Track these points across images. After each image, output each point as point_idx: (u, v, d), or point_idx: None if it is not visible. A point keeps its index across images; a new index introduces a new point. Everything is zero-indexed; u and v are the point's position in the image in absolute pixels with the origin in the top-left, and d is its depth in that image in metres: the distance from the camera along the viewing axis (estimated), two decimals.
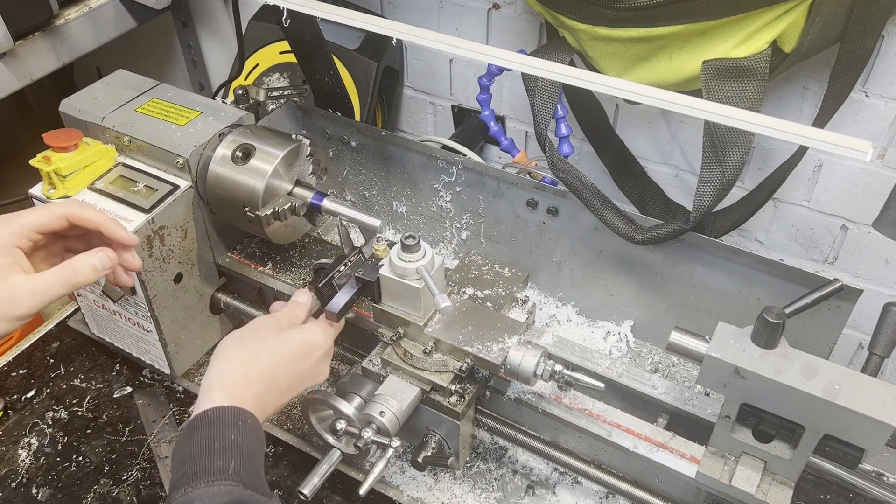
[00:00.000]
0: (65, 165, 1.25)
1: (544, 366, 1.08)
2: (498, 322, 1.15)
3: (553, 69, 1.09)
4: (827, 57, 1.37)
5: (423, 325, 1.14)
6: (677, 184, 1.82)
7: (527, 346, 1.10)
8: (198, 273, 1.38)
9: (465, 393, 1.15)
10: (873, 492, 1.10)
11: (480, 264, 1.33)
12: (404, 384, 1.16)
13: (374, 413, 1.11)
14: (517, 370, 1.09)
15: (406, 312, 1.15)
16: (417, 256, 1.09)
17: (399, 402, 1.12)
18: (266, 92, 1.46)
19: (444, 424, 1.18)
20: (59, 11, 1.73)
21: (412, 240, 1.08)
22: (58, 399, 1.47)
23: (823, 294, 1.09)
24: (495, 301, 1.25)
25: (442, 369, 1.14)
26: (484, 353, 1.10)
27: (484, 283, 1.28)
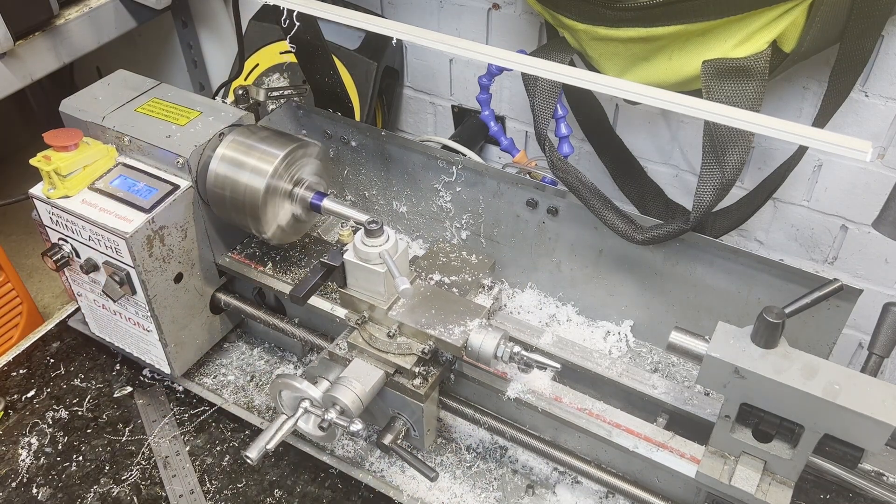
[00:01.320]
0: (65, 165, 1.25)
1: (504, 348, 1.11)
2: (461, 306, 1.17)
3: (553, 69, 1.09)
4: (827, 57, 1.37)
5: (386, 309, 1.16)
6: (677, 184, 1.82)
7: (487, 328, 1.12)
8: (198, 273, 1.38)
9: (429, 375, 1.18)
10: (873, 492, 1.10)
11: (448, 251, 1.33)
12: (369, 367, 1.18)
13: (337, 394, 1.13)
14: (478, 352, 1.11)
15: (370, 297, 1.17)
16: (380, 241, 1.12)
17: (363, 385, 1.14)
18: (266, 92, 1.46)
19: (409, 407, 1.20)
20: (59, 11, 1.73)
21: (375, 225, 1.11)
22: (58, 399, 1.47)
23: (823, 294, 1.09)
24: (461, 287, 1.26)
25: (406, 352, 1.16)
26: (446, 336, 1.12)
27: (451, 270, 1.30)
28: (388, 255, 1.10)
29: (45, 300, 2.50)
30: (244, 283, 1.44)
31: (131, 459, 1.36)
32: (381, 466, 1.33)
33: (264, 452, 1.12)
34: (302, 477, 1.33)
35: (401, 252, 1.14)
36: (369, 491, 1.30)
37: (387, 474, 1.32)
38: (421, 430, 1.21)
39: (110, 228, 1.22)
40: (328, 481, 1.32)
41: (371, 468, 1.32)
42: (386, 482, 1.30)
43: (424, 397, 1.16)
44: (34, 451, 1.38)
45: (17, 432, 1.41)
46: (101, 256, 1.28)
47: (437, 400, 1.24)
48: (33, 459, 1.37)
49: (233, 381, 1.48)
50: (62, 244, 1.32)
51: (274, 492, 1.31)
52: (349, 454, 1.35)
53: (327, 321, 1.36)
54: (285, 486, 1.31)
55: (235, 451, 1.37)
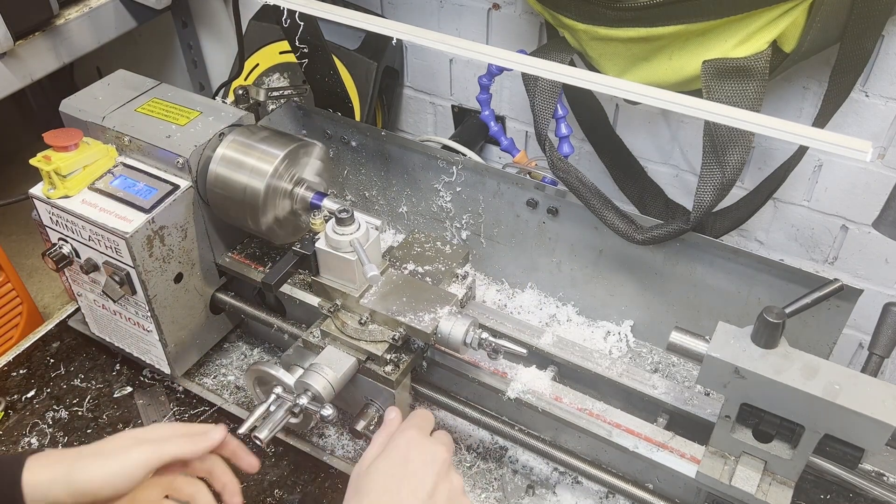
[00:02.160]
0: (65, 165, 1.25)
1: (473, 334, 1.12)
2: (432, 294, 1.18)
3: (553, 69, 1.09)
4: (827, 57, 1.37)
5: (358, 297, 1.17)
6: (677, 184, 1.82)
7: (457, 315, 1.13)
8: (198, 273, 1.38)
9: (400, 362, 1.19)
10: (873, 492, 1.10)
11: (423, 241, 1.34)
12: (341, 354, 1.19)
13: (308, 381, 1.14)
14: (447, 339, 1.12)
15: (342, 284, 1.18)
16: (351, 229, 1.13)
17: (335, 371, 1.16)
18: (266, 92, 1.46)
19: (381, 394, 1.21)
20: (59, 11, 1.73)
21: (346, 213, 1.13)
22: (58, 399, 1.47)
23: (823, 294, 1.09)
24: (434, 276, 1.27)
25: (377, 339, 1.17)
26: (416, 323, 1.13)
27: (425, 259, 1.30)
28: (359, 243, 1.12)
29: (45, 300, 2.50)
30: (244, 283, 1.44)
31: None
32: None
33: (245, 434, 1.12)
34: (302, 477, 1.33)
35: (372, 240, 1.16)
36: None
37: None
38: None
39: (110, 228, 1.22)
40: (328, 481, 1.32)
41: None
42: None
43: (396, 383, 1.18)
44: None
45: (17, 432, 1.41)
46: (101, 256, 1.28)
47: (409, 386, 1.26)
48: None
49: (233, 381, 1.48)
50: (62, 244, 1.32)
51: (274, 492, 1.31)
52: (349, 454, 1.35)
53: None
54: (285, 486, 1.31)
55: None
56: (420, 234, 1.36)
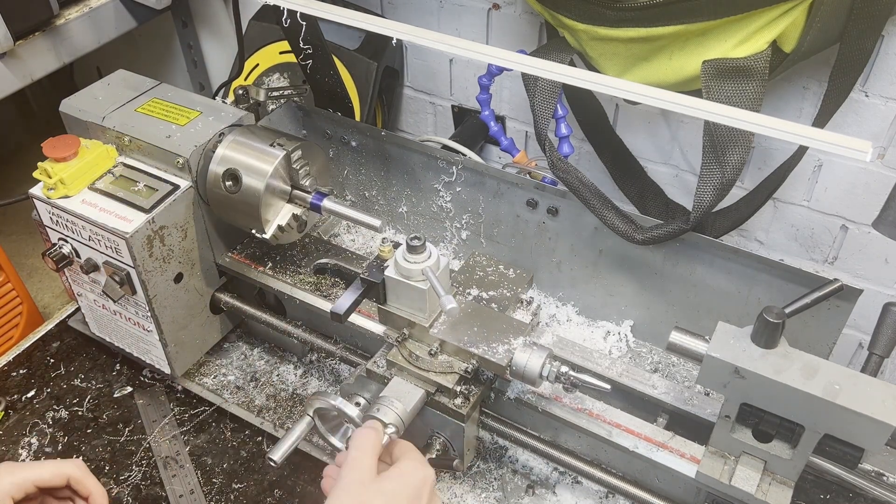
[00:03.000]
0: (67, 176, 1.25)
1: (550, 367, 1.08)
2: (503, 323, 1.15)
3: (553, 69, 1.09)
4: (827, 57, 1.37)
5: (428, 327, 1.14)
6: (677, 184, 1.82)
7: (532, 347, 1.09)
8: (198, 273, 1.38)
9: (471, 395, 1.15)
10: (873, 492, 1.10)
11: (485, 265, 1.32)
12: (409, 386, 1.15)
13: (377, 414, 1.10)
14: (523, 371, 1.08)
15: (411, 314, 1.14)
16: (423, 258, 1.09)
17: (404, 404, 1.11)
18: (266, 92, 1.46)
19: (449, 426, 1.17)
20: (59, 11, 1.73)
21: (418, 241, 1.08)
22: (58, 399, 1.47)
23: (823, 294, 1.09)
24: (500, 302, 1.25)
25: (447, 370, 1.13)
26: (489, 355, 1.10)
27: (489, 285, 1.28)
28: (431, 271, 1.08)
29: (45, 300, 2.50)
30: (244, 283, 1.44)
31: (131, 459, 1.36)
32: None
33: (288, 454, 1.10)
34: (302, 477, 1.33)
35: (443, 268, 1.11)
36: None
37: None
38: (461, 449, 1.19)
39: (110, 228, 1.22)
40: None
41: None
42: None
43: (466, 417, 1.14)
44: (34, 452, 1.38)
45: (17, 432, 1.41)
46: (101, 256, 1.28)
47: (477, 419, 1.22)
48: (33, 459, 1.36)
49: (233, 381, 1.48)
50: (62, 244, 1.32)
51: (274, 492, 1.31)
52: None
53: (328, 321, 1.36)
54: (285, 486, 1.31)
55: (235, 451, 1.37)
56: (481, 256, 1.34)
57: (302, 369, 1.51)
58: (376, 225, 1.24)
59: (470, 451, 1.23)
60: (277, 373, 1.50)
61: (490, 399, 1.23)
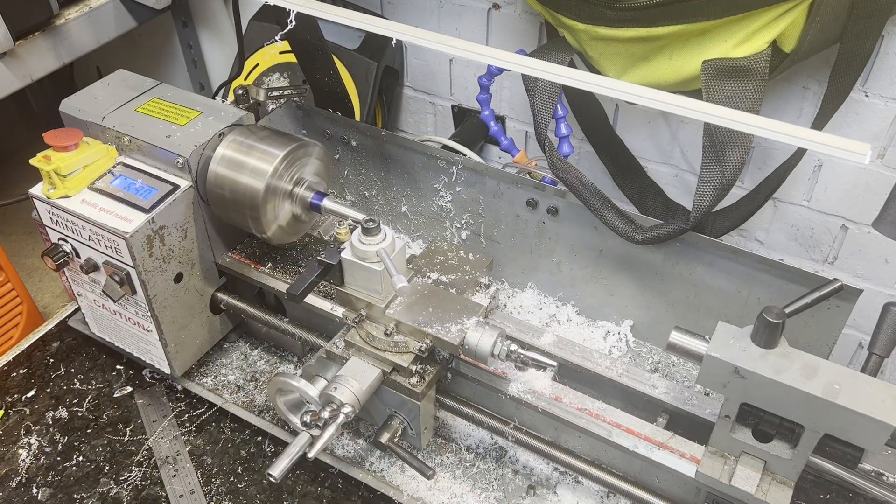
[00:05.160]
0: (65, 165, 1.25)
1: (501, 346, 1.11)
2: (458, 304, 1.17)
3: (553, 70, 1.09)
4: (827, 57, 1.37)
5: (384, 307, 1.16)
6: (677, 184, 1.82)
7: (484, 327, 1.12)
8: (198, 273, 1.38)
9: (426, 374, 1.18)
10: (873, 491, 1.10)
11: (446, 250, 1.33)
12: (366, 365, 1.18)
13: (333, 392, 1.13)
14: (475, 350, 1.11)
15: (368, 295, 1.17)
16: (377, 239, 1.12)
17: (360, 383, 1.14)
18: (266, 92, 1.46)
19: (406, 405, 1.20)
20: (59, 11, 1.74)
21: (372, 223, 1.11)
22: (58, 399, 1.47)
23: (823, 294, 1.09)
24: (459, 286, 1.26)
25: (403, 350, 1.16)
26: (443, 334, 1.12)
27: (448, 269, 1.30)
28: (386, 253, 1.11)
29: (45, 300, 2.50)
30: (244, 283, 1.44)
31: (131, 459, 1.36)
32: (381, 466, 1.33)
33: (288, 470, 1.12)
34: (302, 477, 1.33)
35: (398, 250, 1.14)
36: (369, 491, 1.30)
37: (387, 474, 1.32)
38: (418, 428, 1.21)
39: (110, 228, 1.22)
40: (328, 481, 1.32)
41: (371, 468, 1.32)
42: (386, 482, 1.30)
43: (421, 395, 1.17)
44: (34, 452, 1.38)
45: (17, 432, 1.41)
46: (101, 256, 1.28)
47: (434, 398, 1.24)
48: (33, 459, 1.37)
49: (233, 381, 1.48)
50: (62, 244, 1.32)
51: (274, 492, 1.31)
52: (349, 454, 1.35)
53: (327, 321, 1.36)
54: (285, 486, 1.31)
55: (235, 451, 1.37)
56: (442, 242, 1.35)
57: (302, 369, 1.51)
58: None
59: (428, 429, 1.26)
60: (276, 372, 1.50)
61: (447, 379, 1.26)
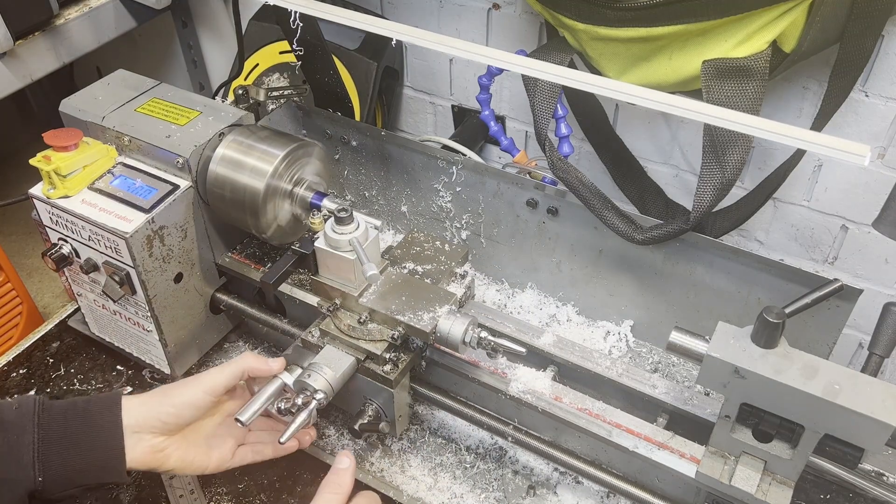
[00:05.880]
0: (65, 165, 1.25)
1: (472, 333, 1.12)
2: (431, 293, 1.18)
3: (553, 71, 1.09)
4: (827, 57, 1.37)
5: (357, 296, 1.17)
6: (677, 184, 1.82)
7: (456, 314, 1.13)
8: (198, 273, 1.38)
9: (399, 361, 1.19)
10: (873, 492, 1.10)
11: (423, 241, 1.34)
12: (340, 353, 1.19)
13: (307, 379, 1.14)
14: (446, 338, 1.12)
15: (342, 284, 1.18)
16: (350, 229, 1.14)
17: (333, 371, 1.15)
18: (266, 92, 1.46)
19: (380, 393, 1.21)
20: (59, 11, 1.74)
21: (345, 213, 1.13)
22: (58, 399, 1.46)
23: (823, 294, 1.09)
24: (434, 275, 1.27)
25: (376, 338, 1.17)
26: (415, 322, 1.13)
27: (424, 259, 1.30)
28: (358, 242, 1.12)
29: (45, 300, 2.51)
30: (244, 283, 1.44)
31: None
32: (381, 466, 1.33)
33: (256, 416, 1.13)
34: (302, 477, 1.33)
35: (371, 239, 1.16)
36: None
37: (387, 474, 1.32)
38: (392, 415, 1.23)
39: (110, 228, 1.22)
40: None
41: (371, 468, 1.32)
42: (386, 482, 1.30)
43: (395, 383, 1.18)
44: None
45: None
46: (101, 256, 1.28)
47: (407, 386, 1.26)
48: None
49: None
50: (62, 244, 1.32)
51: (273, 492, 1.31)
52: None
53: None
54: (285, 486, 1.31)
55: None
56: (420, 233, 1.36)
57: None
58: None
59: (402, 417, 1.27)
60: None
61: (421, 367, 1.27)
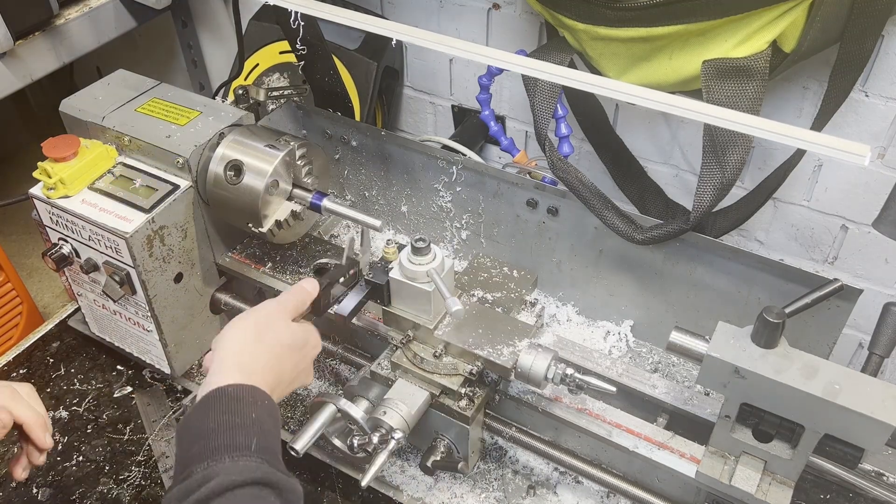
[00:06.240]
0: (66, 175, 1.25)
1: (555, 369, 1.08)
2: (508, 325, 1.15)
3: (553, 71, 1.09)
4: (827, 57, 1.37)
5: (433, 328, 1.13)
6: (677, 184, 1.82)
7: (537, 349, 1.09)
8: (198, 273, 1.38)
9: (475, 397, 1.15)
10: (873, 492, 1.10)
11: (489, 267, 1.32)
12: (413, 388, 1.15)
13: (382, 417, 1.10)
14: (528, 373, 1.08)
15: (416, 315, 1.14)
16: (427, 259, 1.09)
17: (408, 407, 1.11)
18: (266, 92, 1.46)
19: (454, 428, 1.17)
20: (59, 11, 1.73)
21: (422, 242, 1.08)
22: (58, 399, 1.47)
23: (823, 294, 1.09)
24: (504, 304, 1.25)
25: (452, 373, 1.13)
26: (494, 357, 1.10)
27: (493, 286, 1.28)
28: (436, 273, 1.08)
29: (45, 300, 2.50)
30: (244, 283, 1.44)
31: (131, 459, 1.36)
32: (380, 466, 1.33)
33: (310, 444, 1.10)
34: (302, 477, 1.33)
35: (447, 270, 1.11)
36: (369, 491, 1.30)
37: (387, 474, 1.32)
38: (465, 451, 1.19)
39: (110, 228, 1.22)
40: (328, 481, 1.32)
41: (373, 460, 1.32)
42: (386, 482, 1.30)
43: (471, 419, 1.14)
44: None
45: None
46: (101, 256, 1.28)
47: (482, 421, 1.22)
48: None
49: None
50: (62, 244, 1.32)
51: None
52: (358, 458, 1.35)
53: (327, 321, 1.36)
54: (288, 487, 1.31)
55: None
56: (485, 258, 1.34)
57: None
58: (376, 225, 1.24)
59: (475, 453, 1.23)
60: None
61: (494, 401, 1.23)
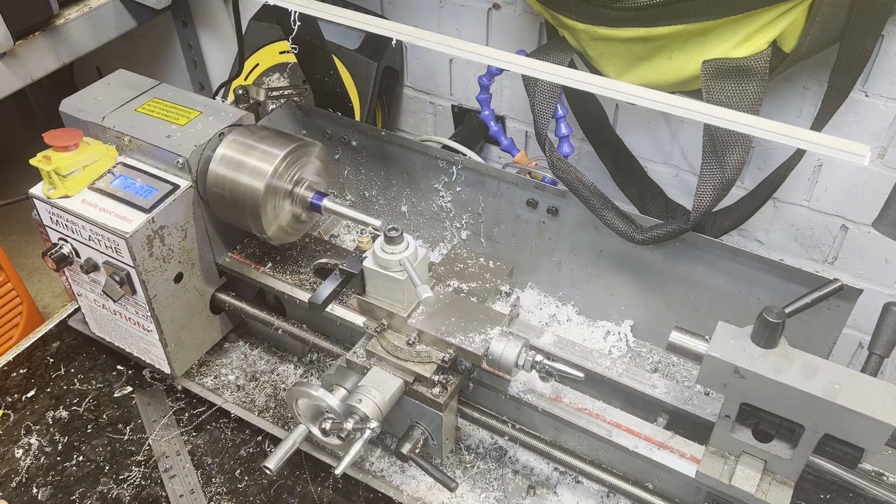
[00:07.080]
0: (65, 165, 1.25)
1: (525, 356, 1.09)
2: (480, 314, 1.16)
3: (553, 71, 1.09)
4: (827, 57, 1.37)
5: (406, 317, 1.15)
6: (677, 184, 1.82)
7: (508, 336, 1.11)
8: (198, 273, 1.38)
9: (448, 384, 1.17)
10: (873, 491, 1.10)
11: (466, 258, 1.33)
12: (388, 375, 1.17)
13: (356, 404, 1.11)
14: (499, 361, 1.10)
15: (390, 304, 1.16)
16: (400, 248, 1.11)
17: (382, 393, 1.13)
18: (266, 92, 1.46)
19: (428, 416, 1.19)
20: (59, 11, 1.74)
21: (395, 232, 1.10)
22: (58, 399, 1.47)
23: (823, 294, 1.09)
24: (479, 294, 1.26)
25: (425, 360, 1.15)
26: (466, 344, 1.11)
27: (468, 276, 1.29)
28: (409, 262, 1.09)
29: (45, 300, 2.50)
30: (244, 283, 1.44)
31: (131, 459, 1.36)
32: (381, 466, 1.33)
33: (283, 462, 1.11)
34: (302, 477, 1.33)
35: (421, 259, 1.12)
36: (369, 491, 1.30)
37: (387, 474, 1.32)
38: (440, 439, 1.20)
39: (110, 228, 1.22)
40: (328, 481, 1.32)
41: (371, 468, 1.32)
42: (386, 482, 1.30)
43: (444, 406, 1.15)
44: (34, 452, 1.38)
45: (17, 432, 1.41)
46: (101, 256, 1.28)
47: (455, 409, 1.23)
48: (33, 459, 1.37)
49: (233, 381, 1.48)
50: (62, 244, 1.32)
51: (274, 491, 1.31)
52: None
53: (327, 321, 1.36)
54: (285, 486, 1.31)
55: (235, 451, 1.37)
56: (462, 249, 1.34)
57: (302, 369, 1.51)
58: (376, 225, 1.24)
59: (449, 440, 1.24)
60: (277, 373, 1.50)
61: (468, 388, 1.24)
